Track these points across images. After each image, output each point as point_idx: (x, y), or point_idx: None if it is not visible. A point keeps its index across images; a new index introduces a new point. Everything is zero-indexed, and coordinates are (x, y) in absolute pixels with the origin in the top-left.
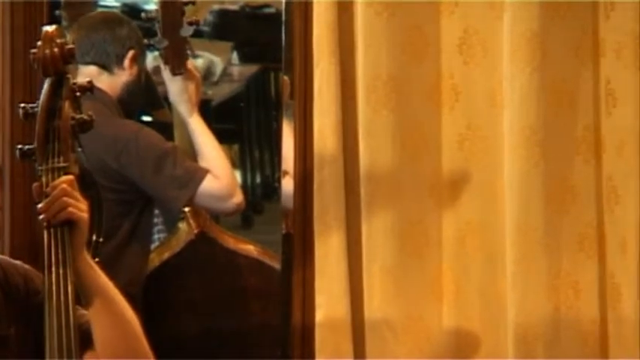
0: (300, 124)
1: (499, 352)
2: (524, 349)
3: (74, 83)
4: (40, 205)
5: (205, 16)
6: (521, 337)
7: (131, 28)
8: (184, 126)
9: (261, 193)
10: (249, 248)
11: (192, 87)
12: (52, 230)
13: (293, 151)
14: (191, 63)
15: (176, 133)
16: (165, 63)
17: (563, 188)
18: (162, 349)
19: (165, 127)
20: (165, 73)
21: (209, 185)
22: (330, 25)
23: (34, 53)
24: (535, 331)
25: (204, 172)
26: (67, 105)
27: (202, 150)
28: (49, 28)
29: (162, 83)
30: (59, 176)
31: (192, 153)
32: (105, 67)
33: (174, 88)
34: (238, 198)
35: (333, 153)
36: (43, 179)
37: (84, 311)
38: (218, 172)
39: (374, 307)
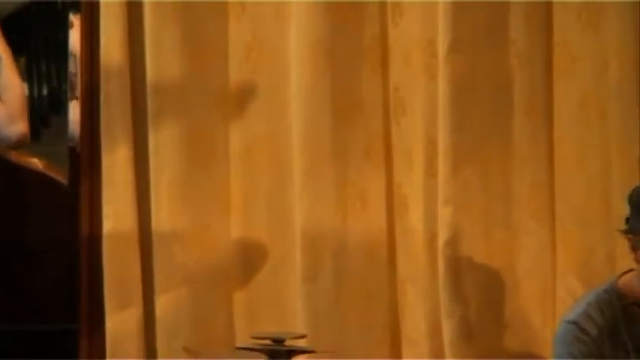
0: (87, 37)
1: (287, 261)
2: (312, 258)
3: None
4: None
5: None
6: (308, 246)
7: None
8: None
9: (48, 105)
10: (34, 161)
11: None
12: None
13: (79, 63)
14: None
15: None
16: None
17: (350, 99)
18: None
19: None
20: None
21: None
22: None
23: None
24: (323, 240)
25: None
26: None
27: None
28: None
29: None
30: None
31: None
32: None
33: None
34: (21, 128)
35: (119, 65)
36: None
37: None
38: (6, 96)
39: (161, 217)
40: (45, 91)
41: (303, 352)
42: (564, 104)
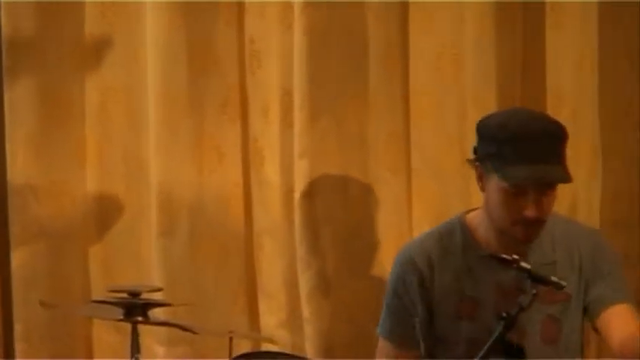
0: None
1: (143, 215)
2: (168, 212)
3: None
4: None
5: None
6: (164, 200)
7: None
8: None
9: None
10: None
11: None
12: None
13: None
14: None
15: None
16: None
17: (205, 52)
18: None
19: None
20: None
21: None
22: None
23: None
24: (179, 194)
25: None
26: None
27: None
28: None
29: None
30: None
31: None
32: None
33: None
34: None
35: None
36: None
37: None
38: None
39: (17, 171)
40: None
41: (159, 305)
42: (420, 56)
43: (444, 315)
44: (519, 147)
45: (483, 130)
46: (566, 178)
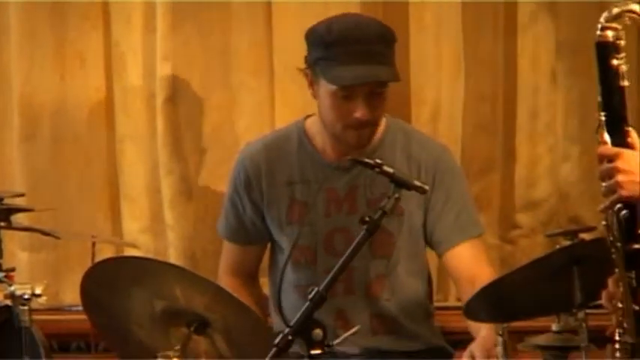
0: None
1: (5, 121)
2: (30, 117)
3: None
4: None
5: None
6: (26, 106)
7: None
8: None
9: None
10: None
11: None
12: None
13: None
14: None
15: None
16: None
17: None
18: None
19: None
20: None
21: None
22: None
23: None
24: (40, 100)
25: None
26: None
27: None
28: None
29: None
30: None
31: None
32: None
33: None
34: None
35: None
36: None
37: None
38: None
39: None
40: None
41: (21, 210)
42: None
43: (275, 219)
44: (345, 49)
45: (311, 36)
46: (395, 77)
